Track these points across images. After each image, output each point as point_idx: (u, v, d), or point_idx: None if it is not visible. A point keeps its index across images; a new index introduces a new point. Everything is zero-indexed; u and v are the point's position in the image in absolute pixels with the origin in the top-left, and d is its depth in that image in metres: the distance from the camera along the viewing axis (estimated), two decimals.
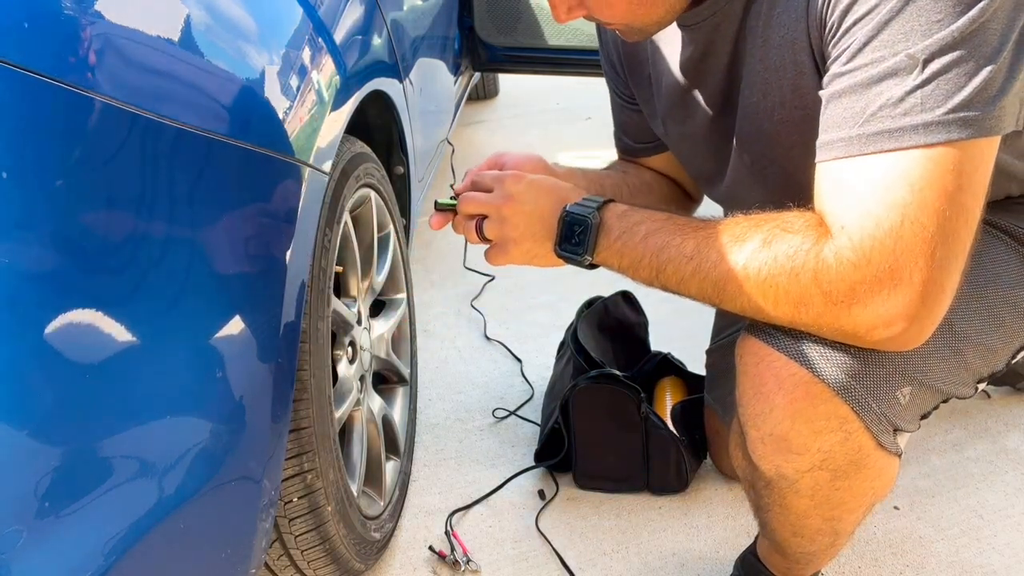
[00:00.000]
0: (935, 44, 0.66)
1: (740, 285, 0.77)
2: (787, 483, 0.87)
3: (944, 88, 0.67)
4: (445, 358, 1.81)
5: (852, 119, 0.71)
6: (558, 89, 3.75)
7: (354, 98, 1.11)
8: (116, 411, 0.64)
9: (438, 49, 2.00)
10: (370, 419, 1.23)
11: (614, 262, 0.87)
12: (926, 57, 0.67)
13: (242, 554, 0.83)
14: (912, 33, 0.67)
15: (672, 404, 1.42)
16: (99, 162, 0.61)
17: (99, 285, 0.62)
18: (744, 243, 0.77)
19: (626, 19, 0.84)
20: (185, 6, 0.74)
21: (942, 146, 0.67)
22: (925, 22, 0.66)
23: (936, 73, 0.67)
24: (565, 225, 0.88)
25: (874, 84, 0.69)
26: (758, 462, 0.88)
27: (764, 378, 0.83)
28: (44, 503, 0.58)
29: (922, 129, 0.67)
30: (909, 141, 0.68)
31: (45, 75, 0.57)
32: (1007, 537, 1.27)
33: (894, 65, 0.68)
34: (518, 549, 1.29)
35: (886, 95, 0.69)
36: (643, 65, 1.06)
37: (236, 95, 0.78)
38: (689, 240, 0.81)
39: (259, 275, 0.82)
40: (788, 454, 0.84)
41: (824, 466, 0.84)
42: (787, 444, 0.83)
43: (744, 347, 0.86)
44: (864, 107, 0.70)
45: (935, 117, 0.67)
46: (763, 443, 0.86)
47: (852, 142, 0.71)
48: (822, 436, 0.82)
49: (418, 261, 2.23)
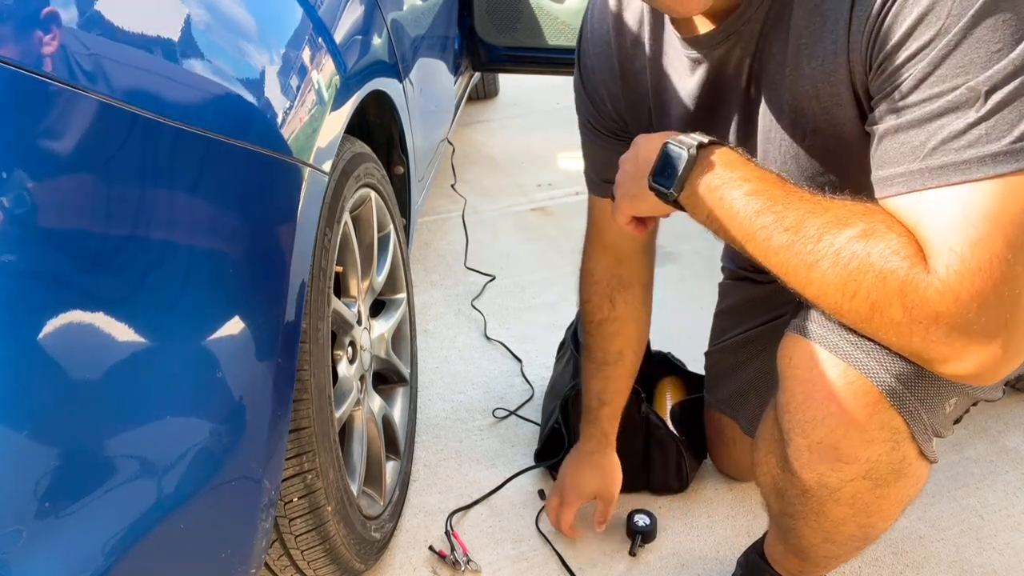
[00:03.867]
0: (997, 75, 0.65)
1: (825, 271, 0.72)
2: (828, 492, 0.85)
3: (1009, 117, 0.65)
4: (445, 358, 1.81)
5: (912, 153, 0.69)
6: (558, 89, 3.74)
7: (354, 98, 1.11)
8: (116, 411, 0.64)
9: (438, 49, 2.00)
10: (370, 419, 1.23)
11: (701, 209, 0.82)
12: (988, 89, 0.65)
13: (242, 554, 0.83)
14: (972, 66, 0.65)
15: (672, 404, 1.42)
16: (99, 162, 0.61)
17: (99, 285, 0.62)
18: (844, 228, 0.72)
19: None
20: (185, 6, 0.74)
21: (1013, 175, 0.65)
22: (985, 53, 0.65)
23: (1000, 104, 0.65)
24: (661, 156, 0.85)
25: (935, 119, 0.68)
26: (800, 471, 0.86)
27: (817, 384, 0.80)
28: (44, 503, 0.58)
29: (990, 160, 0.66)
30: (978, 173, 0.66)
31: (45, 75, 0.57)
32: (1007, 537, 1.27)
33: (955, 99, 0.66)
34: (518, 549, 1.29)
35: (948, 128, 0.67)
36: (643, 99, 1.02)
37: (236, 95, 0.78)
38: (791, 211, 0.75)
39: (259, 275, 0.82)
40: (836, 463, 0.82)
41: (869, 475, 0.82)
42: (837, 453, 0.81)
43: (794, 349, 0.83)
44: (924, 141, 0.68)
45: (1002, 147, 0.65)
46: (810, 451, 0.83)
47: (915, 176, 0.69)
48: (872, 446, 0.80)
49: (418, 261, 2.23)
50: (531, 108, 3.66)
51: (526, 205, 2.60)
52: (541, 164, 2.95)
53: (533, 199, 2.64)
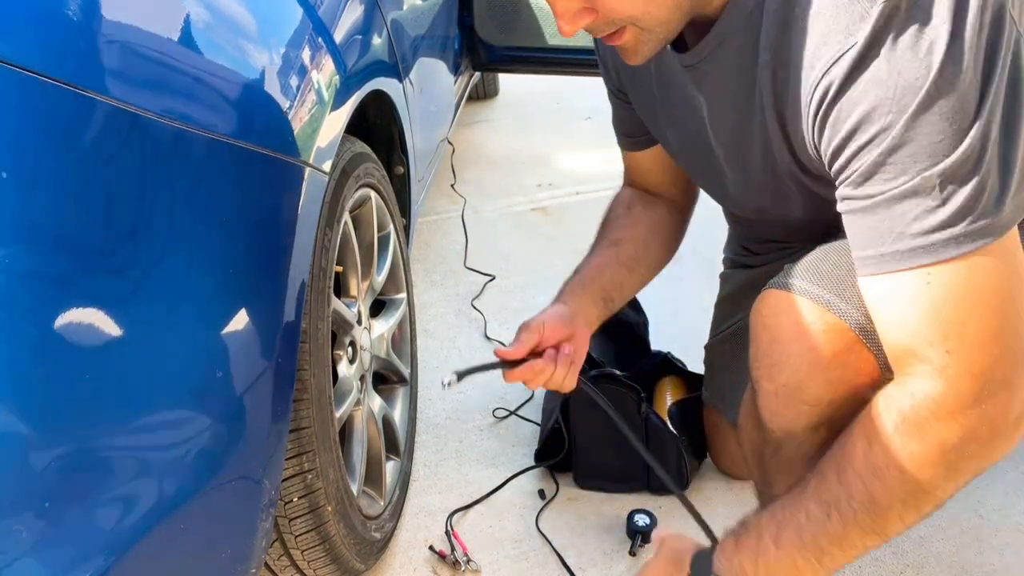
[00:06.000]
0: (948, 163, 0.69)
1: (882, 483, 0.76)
2: (796, 444, 0.87)
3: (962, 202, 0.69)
4: (445, 358, 1.81)
5: (880, 238, 0.73)
6: (558, 89, 3.74)
7: (354, 98, 1.11)
8: (116, 411, 0.64)
9: (438, 49, 2.00)
10: (370, 419, 1.23)
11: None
12: (940, 176, 0.69)
13: (242, 554, 0.83)
14: (920, 156, 0.69)
15: (671, 403, 1.42)
16: (99, 162, 0.61)
17: (99, 285, 0.62)
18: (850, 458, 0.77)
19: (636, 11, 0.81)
20: (185, 5, 0.74)
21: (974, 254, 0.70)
22: (929, 144, 0.69)
23: (953, 190, 0.69)
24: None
25: (896, 203, 0.72)
26: (769, 421, 0.88)
27: (782, 327, 0.84)
28: (44, 503, 0.58)
29: (953, 242, 0.70)
30: (944, 255, 0.71)
31: (45, 75, 0.57)
32: (1007, 537, 1.27)
33: (913, 187, 0.70)
34: (518, 549, 1.29)
35: (911, 214, 0.71)
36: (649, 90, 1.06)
37: (236, 95, 0.78)
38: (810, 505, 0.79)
39: (259, 275, 0.82)
40: (801, 405, 0.84)
41: (832, 423, 0.84)
42: (801, 394, 0.84)
43: (762, 302, 0.87)
44: (891, 226, 0.73)
45: (961, 230, 0.70)
46: (776, 396, 0.86)
47: (885, 259, 0.74)
48: (835, 387, 0.82)
49: (418, 261, 2.23)
50: (531, 108, 3.65)
51: (526, 205, 2.60)
52: (541, 164, 2.95)
53: (533, 199, 2.64)
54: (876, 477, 0.76)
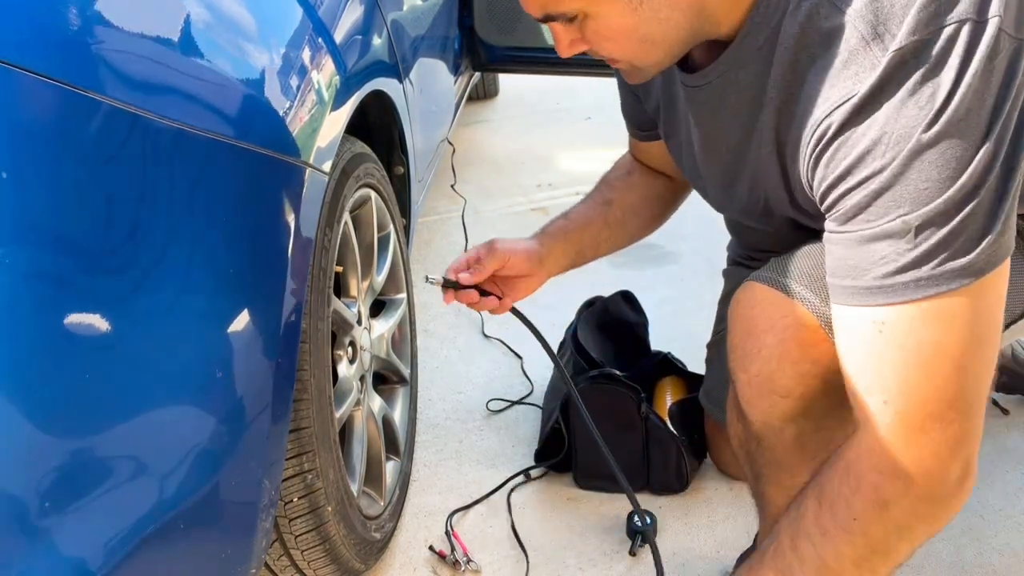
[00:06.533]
0: (928, 210, 0.69)
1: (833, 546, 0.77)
2: (774, 433, 0.89)
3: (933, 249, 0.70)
4: (445, 358, 1.81)
5: (850, 272, 0.74)
6: (558, 89, 3.75)
7: (354, 98, 1.11)
8: (116, 411, 0.64)
9: (438, 49, 2.00)
10: (370, 419, 1.23)
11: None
12: (918, 222, 0.70)
13: (242, 554, 0.83)
14: (903, 201, 0.70)
15: (671, 403, 1.42)
16: (99, 162, 0.61)
17: (98, 285, 0.62)
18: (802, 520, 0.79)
19: (625, 56, 0.84)
20: (185, 5, 0.74)
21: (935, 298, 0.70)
22: (914, 190, 0.69)
23: (928, 236, 0.70)
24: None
25: (870, 242, 0.72)
26: (747, 411, 0.89)
27: (757, 319, 0.85)
28: (44, 503, 0.58)
29: (912, 285, 0.71)
30: (902, 297, 0.71)
31: (45, 75, 0.57)
32: (1007, 537, 1.27)
33: (889, 229, 0.71)
34: (518, 549, 1.29)
35: (880, 254, 0.72)
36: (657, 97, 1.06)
37: (236, 95, 0.78)
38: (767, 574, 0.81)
39: (259, 275, 0.82)
40: (773, 396, 0.86)
41: (809, 414, 0.85)
42: (772, 385, 0.85)
43: (741, 294, 0.88)
44: (857, 264, 0.74)
45: (923, 273, 0.70)
46: (750, 386, 0.87)
47: (849, 292, 0.75)
48: (806, 380, 0.83)
49: (418, 261, 2.23)
50: (531, 108, 3.66)
51: (526, 205, 2.60)
52: (541, 164, 2.95)
53: (533, 199, 2.64)
54: (826, 540, 0.76)
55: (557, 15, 0.79)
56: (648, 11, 0.77)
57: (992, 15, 0.67)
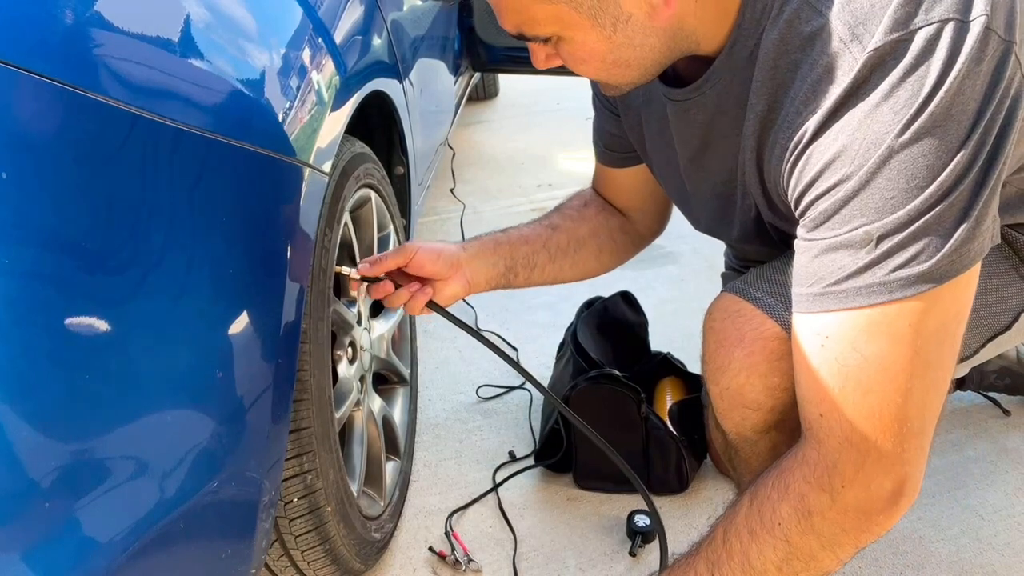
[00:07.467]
0: (889, 221, 0.68)
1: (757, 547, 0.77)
2: (749, 446, 0.89)
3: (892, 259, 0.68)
4: (445, 358, 1.81)
5: (808, 278, 0.74)
6: (558, 89, 3.75)
7: (354, 98, 1.11)
8: (116, 412, 0.64)
9: (438, 49, 2.00)
10: (370, 419, 1.23)
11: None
12: (880, 233, 0.68)
13: (242, 554, 0.83)
14: (867, 210, 0.68)
15: (671, 404, 1.43)
16: (98, 162, 0.61)
17: (98, 286, 0.62)
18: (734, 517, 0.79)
19: (599, 77, 0.83)
20: (185, 6, 0.74)
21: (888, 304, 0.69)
22: (879, 199, 0.68)
23: (888, 246, 0.68)
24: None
25: (830, 251, 0.71)
26: (722, 422, 0.89)
27: (727, 332, 0.85)
28: (44, 503, 0.58)
29: (864, 291, 0.70)
30: (853, 303, 0.70)
31: (45, 75, 0.57)
32: (1007, 537, 1.27)
33: (850, 238, 0.70)
34: (518, 549, 1.29)
35: (839, 262, 0.71)
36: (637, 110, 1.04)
37: (236, 95, 0.78)
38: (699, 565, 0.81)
39: (259, 275, 0.82)
40: (744, 409, 0.85)
41: (780, 427, 0.85)
42: (742, 398, 0.85)
43: (715, 305, 0.88)
44: (816, 270, 0.73)
45: (877, 279, 0.69)
46: (721, 398, 0.87)
47: (805, 299, 0.74)
48: (775, 394, 0.83)
49: None
50: (531, 108, 3.66)
51: (526, 205, 2.60)
52: (541, 164, 2.96)
53: (533, 199, 2.64)
54: (752, 540, 0.77)
55: (531, 36, 0.78)
56: (622, 37, 0.75)
57: (977, 15, 0.64)
